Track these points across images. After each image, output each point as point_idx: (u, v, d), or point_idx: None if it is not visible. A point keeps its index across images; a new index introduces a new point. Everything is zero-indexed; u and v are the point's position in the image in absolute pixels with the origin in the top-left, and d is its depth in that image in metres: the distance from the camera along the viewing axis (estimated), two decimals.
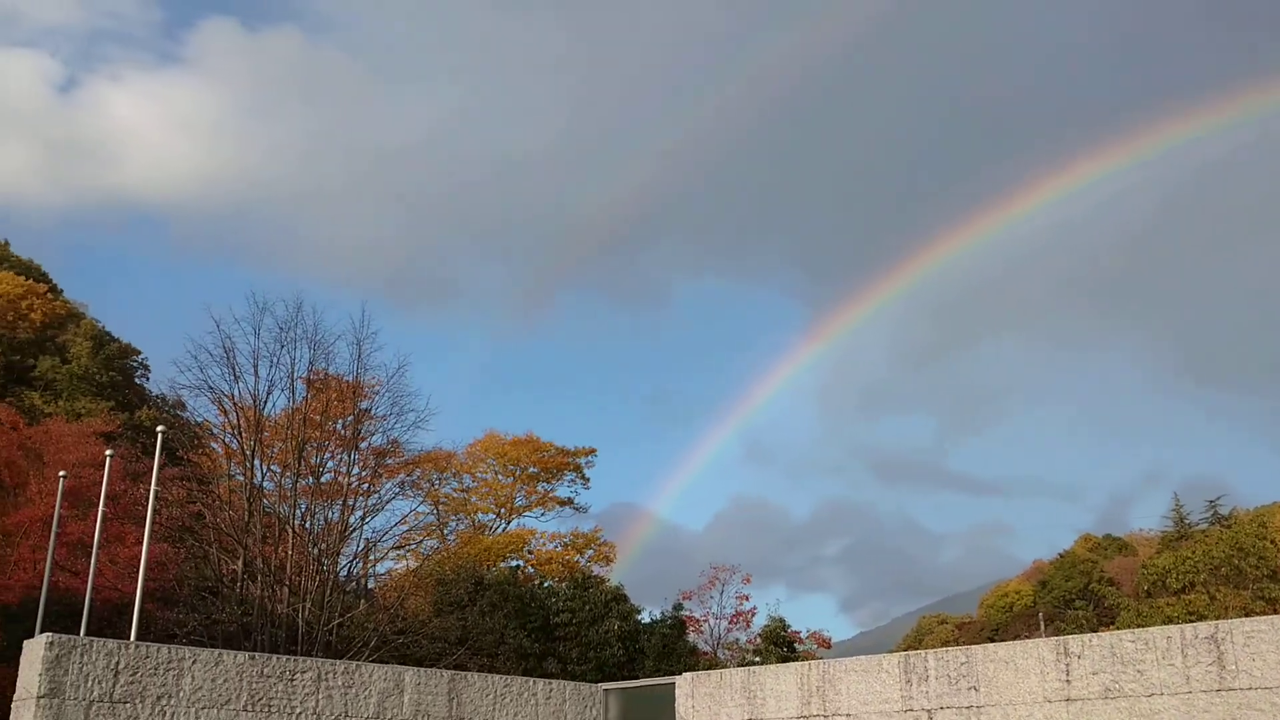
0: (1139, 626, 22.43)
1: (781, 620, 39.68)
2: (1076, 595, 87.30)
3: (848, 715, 18.67)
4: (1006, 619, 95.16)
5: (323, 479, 34.31)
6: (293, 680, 17.52)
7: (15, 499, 42.78)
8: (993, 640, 46.75)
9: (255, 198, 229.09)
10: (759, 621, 42.44)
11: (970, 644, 25.99)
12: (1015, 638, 53.83)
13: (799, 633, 41.95)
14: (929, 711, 18.01)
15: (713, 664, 37.86)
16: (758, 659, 38.48)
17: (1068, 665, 17.14)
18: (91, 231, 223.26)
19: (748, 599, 43.81)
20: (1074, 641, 17.05)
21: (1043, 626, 78.13)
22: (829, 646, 44.99)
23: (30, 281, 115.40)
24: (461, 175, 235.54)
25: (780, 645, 38.61)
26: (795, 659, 36.50)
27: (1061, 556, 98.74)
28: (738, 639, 43.57)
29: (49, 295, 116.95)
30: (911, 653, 18.87)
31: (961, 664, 17.95)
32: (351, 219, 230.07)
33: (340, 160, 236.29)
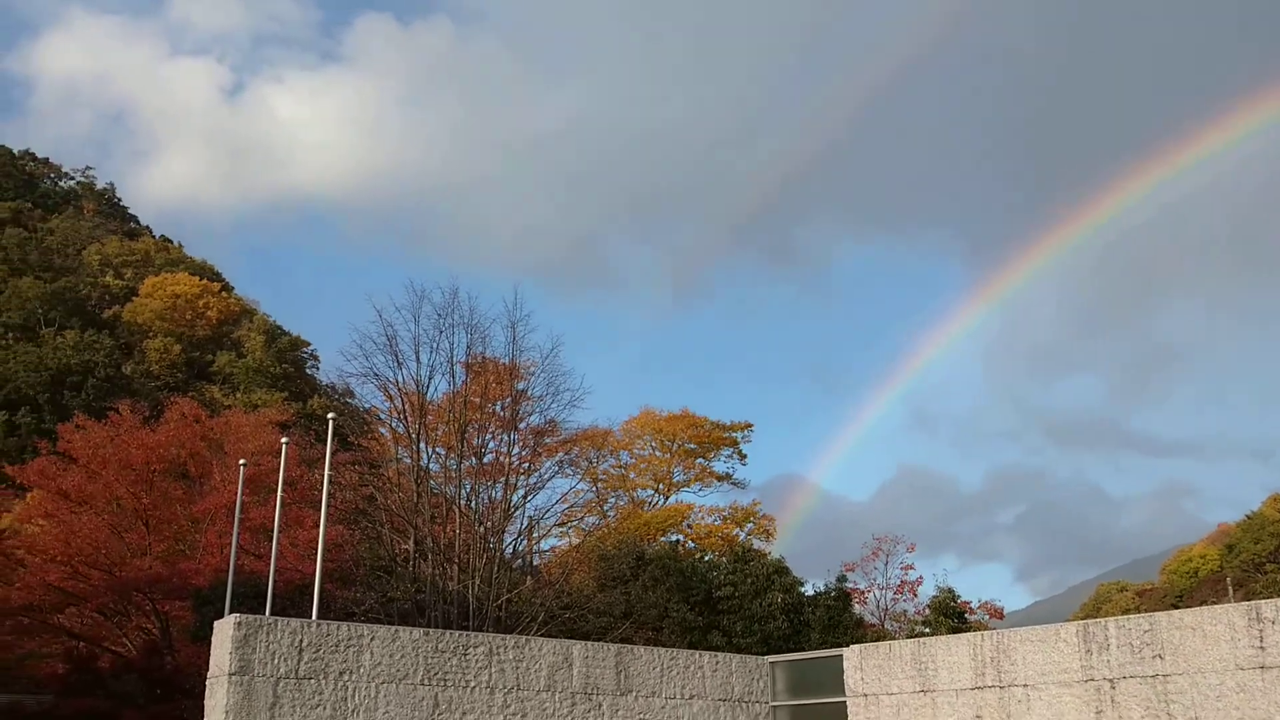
0: None
1: (950, 590, 38.82)
2: (1267, 559, 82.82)
3: (1025, 685, 18.10)
4: (1191, 585, 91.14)
5: (485, 459, 35.05)
6: (466, 655, 17.95)
7: (201, 488, 45.14)
8: (1176, 607, 44.77)
9: (413, 188, 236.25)
10: (926, 592, 41.68)
11: (1153, 611, 24.88)
12: (1201, 604, 51.37)
13: (969, 603, 41.01)
14: (1111, 681, 17.29)
15: (880, 636, 37.31)
16: (927, 630, 37.75)
17: (1261, 631, 16.20)
18: (260, 230, 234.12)
19: (912, 569, 43.06)
20: (1267, 607, 16.10)
21: (1231, 592, 74.45)
22: (1001, 617, 43.83)
23: (205, 281, 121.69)
24: (612, 155, 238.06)
25: (950, 616, 37.76)
26: (966, 630, 35.65)
27: (1249, 518, 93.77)
28: (905, 610, 42.86)
29: (223, 293, 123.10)
30: (1091, 621, 18.15)
31: (1145, 631, 17.17)
32: (506, 204, 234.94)
33: (494, 147, 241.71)
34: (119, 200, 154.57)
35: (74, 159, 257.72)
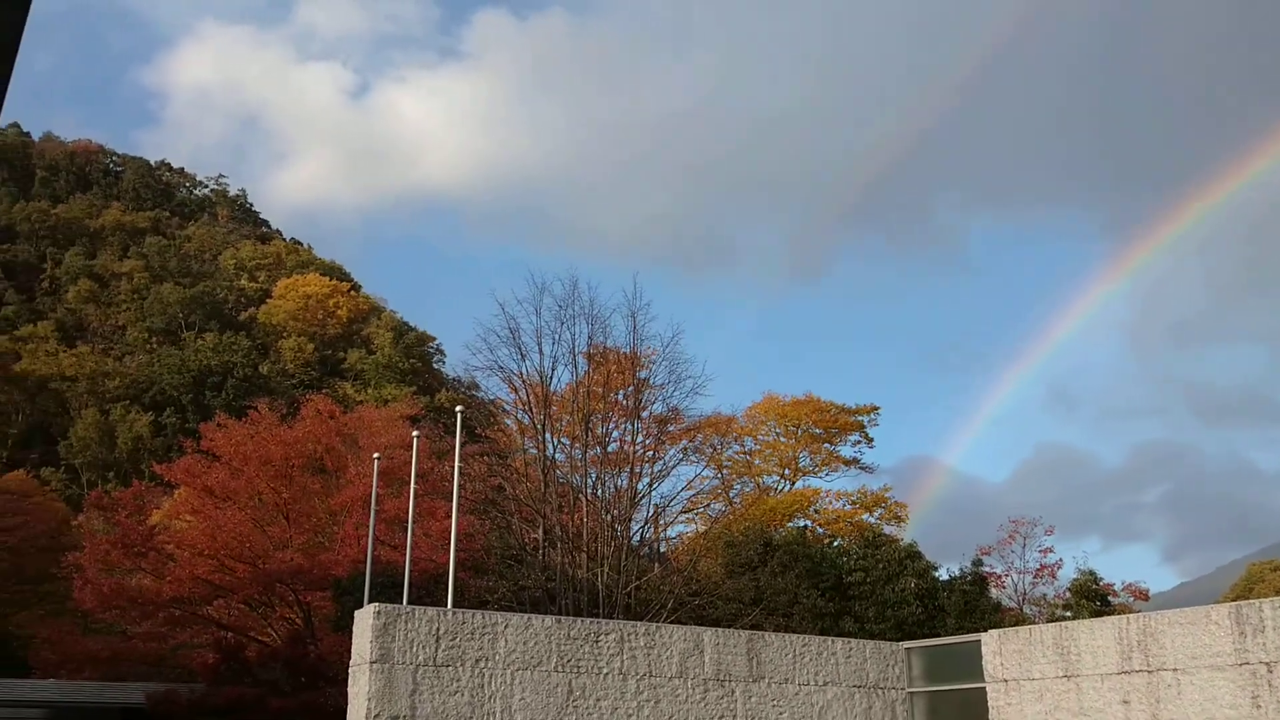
0: None
1: (1092, 573, 37.55)
2: None
3: (1174, 670, 17.40)
4: None
5: (609, 448, 35.25)
6: (598, 642, 18.06)
7: (337, 481, 46.43)
8: None
9: (534, 180, 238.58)
10: (1067, 575, 40.43)
11: None
12: None
13: (1112, 585, 39.64)
14: (1268, 665, 16.50)
15: (1018, 621, 36.34)
16: (1068, 614, 36.64)
17: None
18: (386, 228, 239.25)
19: (1051, 551, 41.81)
20: None
21: None
22: (1147, 599, 42.28)
23: (334, 281, 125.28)
24: (731, 138, 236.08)
25: (1092, 599, 36.56)
26: (1109, 613, 34.48)
27: None
28: (1044, 594, 41.66)
29: (352, 293, 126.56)
30: (1244, 602, 17.35)
31: None
32: (625, 192, 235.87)
33: (612, 136, 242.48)
34: (250, 205, 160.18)
35: (208, 167, 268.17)
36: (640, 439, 35.35)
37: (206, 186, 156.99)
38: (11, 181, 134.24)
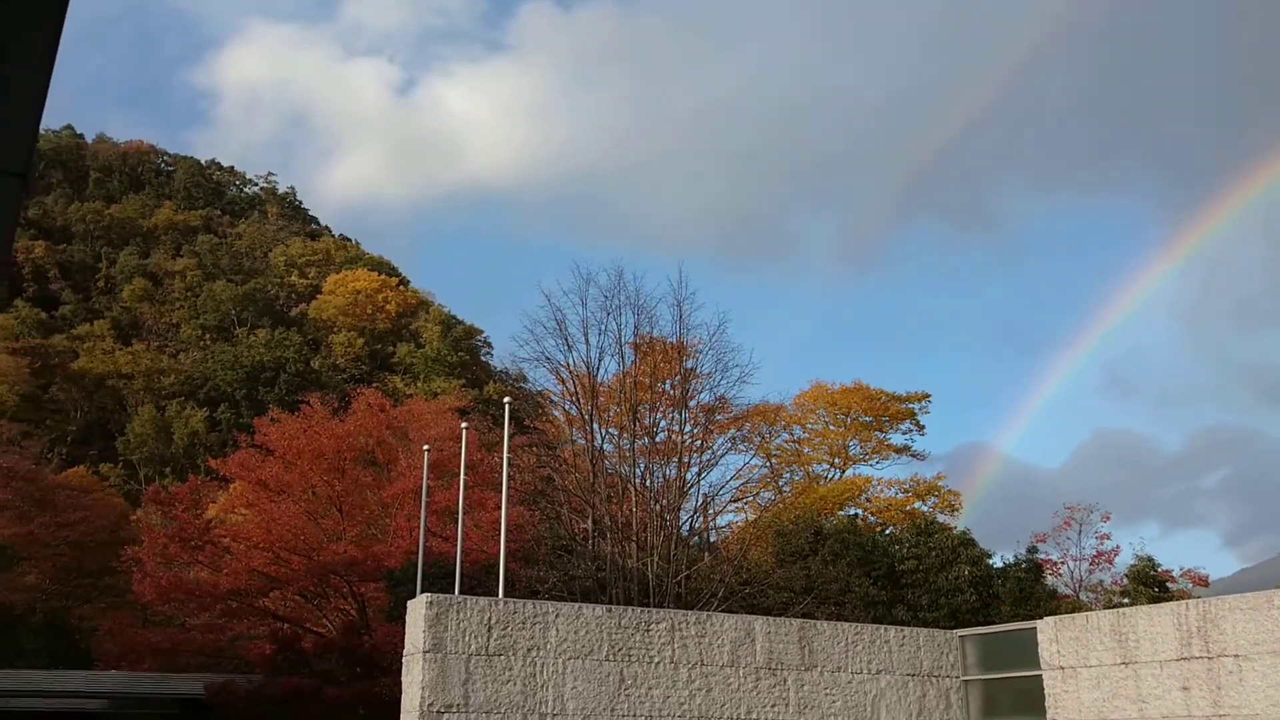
0: None
1: (1150, 559, 37.00)
2: None
3: (1235, 656, 17.07)
4: None
5: (657, 438, 35.20)
6: (648, 631, 18.05)
7: (388, 474, 46.83)
8: None
9: (582, 171, 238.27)
10: (1124, 561, 39.85)
11: None
12: None
13: (1170, 571, 39.02)
14: None
15: (1075, 608, 35.88)
16: (1125, 601, 36.11)
17: None
18: (434, 223, 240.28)
19: (1108, 538, 41.22)
20: None
21: None
22: (1206, 585, 41.56)
23: (383, 276, 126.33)
24: (782, 124, 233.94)
25: (1150, 585, 36.02)
26: (1167, 599, 33.94)
27: None
28: (1101, 581, 41.09)
29: (400, 287, 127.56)
30: None
31: None
32: (674, 182, 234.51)
33: (661, 125, 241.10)
34: (299, 202, 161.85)
35: (258, 165, 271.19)
36: (688, 428, 35.29)
37: (256, 184, 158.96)
38: (66, 183, 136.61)
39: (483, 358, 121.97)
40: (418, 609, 16.45)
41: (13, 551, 56.52)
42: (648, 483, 34.23)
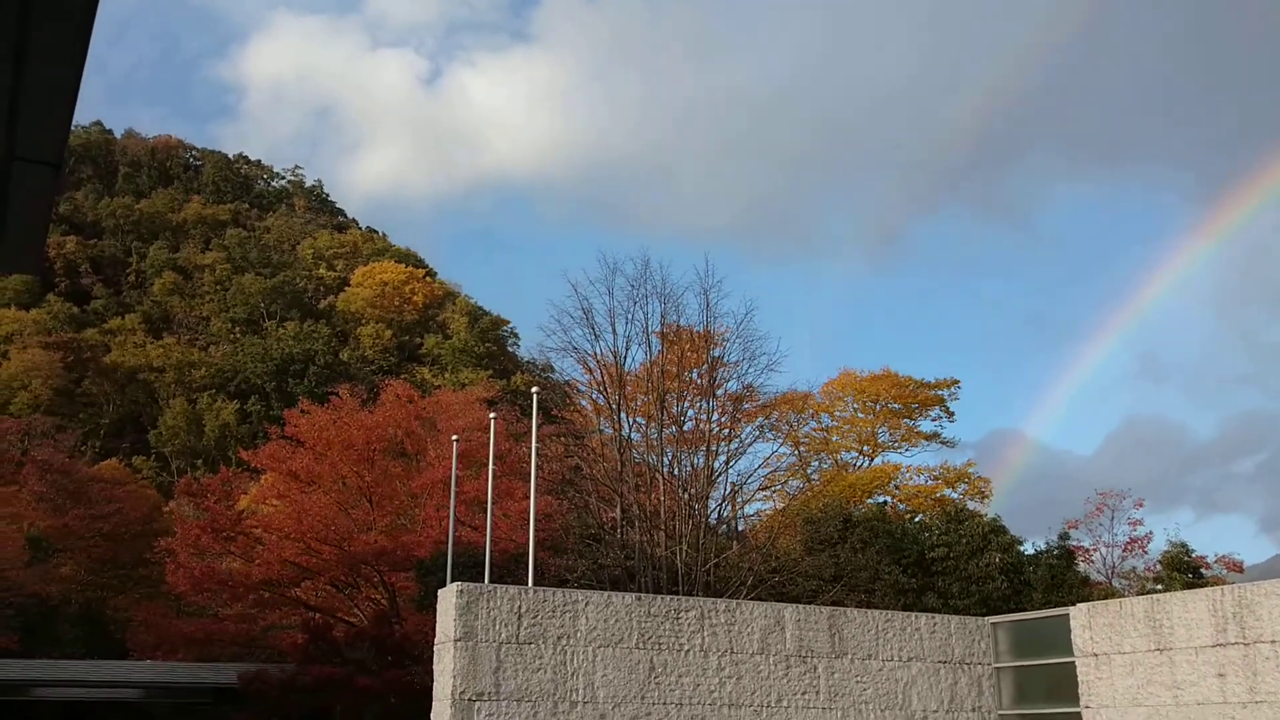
0: None
1: (1184, 545, 36.68)
2: None
3: (1272, 642, 16.90)
4: None
5: (685, 427, 35.17)
6: (678, 619, 18.05)
7: (417, 464, 47.09)
8: None
9: (607, 160, 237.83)
10: (1158, 547, 39.52)
11: None
12: None
13: (1205, 558, 38.67)
14: None
15: (1107, 594, 35.63)
16: (1159, 587, 35.83)
17: None
18: (460, 213, 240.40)
19: (1141, 524, 40.87)
20: None
21: None
22: (1241, 571, 41.13)
23: (409, 268, 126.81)
24: (808, 112, 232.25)
25: (1184, 571, 35.71)
26: (1202, 586, 33.64)
27: None
28: (1134, 568, 40.76)
29: (427, 279, 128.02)
30: None
31: None
32: (700, 171, 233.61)
33: (687, 114, 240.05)
34: (326, 195, 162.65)
35: (285, 158, 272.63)
36: (716, 417, 35.24)
37: (283, 178, 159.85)
38: (96, 179, 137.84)
39: (509, 348, 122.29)
40: (448, 598, 16.52)
41: (48, 543, 57.25)
42: (675, 471, 34.22)
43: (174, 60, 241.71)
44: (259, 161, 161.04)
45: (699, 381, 36.41)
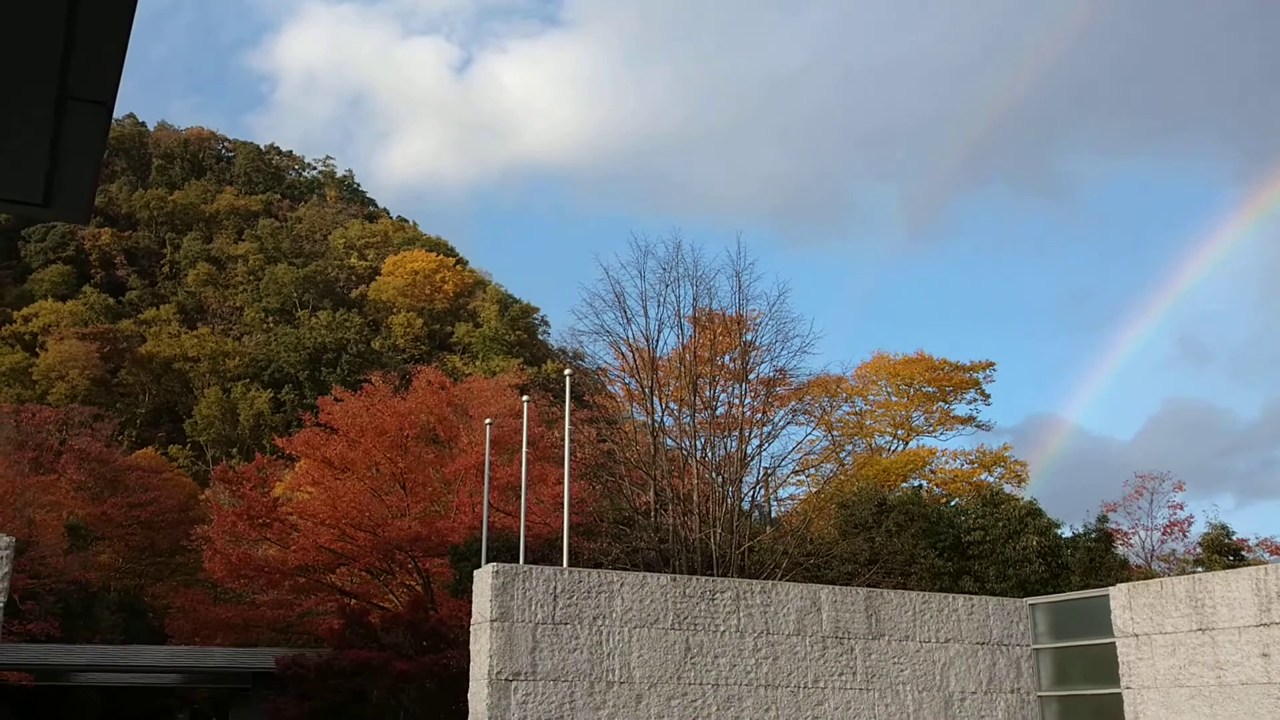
0: None
1: (1224, 527, 36.23)
2: None
3: None
4: None
5: (717, 411, 35.05)
6: (713, 600, 17.98)
7: (450, 451, 47.23)
8: None
9: (640, 145, 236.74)
10: (1198, 531, 39.05)
11: None
12: None
13: (1246, 540, 38.18)
14: None
15: (1146, 577, 35.26)
16: (1199, 570, 35.43)
17: None
18: (491, 201, 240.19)
19: (1181, 508, 40.38)
20: None
21: None
22: None
23: (440, 257, 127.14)
24: (846, 93, 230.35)
25: (1225, 554, 35.27)
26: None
27: None
28: (1174, 551, 40.30)
29: (457, 267, 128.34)
30: None
31: None
32: (736, 153, 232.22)
33: (721, 97, 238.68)
34: (358, 185, 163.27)
35: (316, 148, 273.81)
36: (748, 401, 35.10)
37: (315, 168, 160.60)
38: (130, 171, 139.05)
39: (540, 336, 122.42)
40: (484, 578, 16.52)
41: (87, 531, 57.94)
42: (709, 456, 34.12)
43: (207, 51, 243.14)
44: (290, 152, 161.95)
45: (731, 365, 36.28)
